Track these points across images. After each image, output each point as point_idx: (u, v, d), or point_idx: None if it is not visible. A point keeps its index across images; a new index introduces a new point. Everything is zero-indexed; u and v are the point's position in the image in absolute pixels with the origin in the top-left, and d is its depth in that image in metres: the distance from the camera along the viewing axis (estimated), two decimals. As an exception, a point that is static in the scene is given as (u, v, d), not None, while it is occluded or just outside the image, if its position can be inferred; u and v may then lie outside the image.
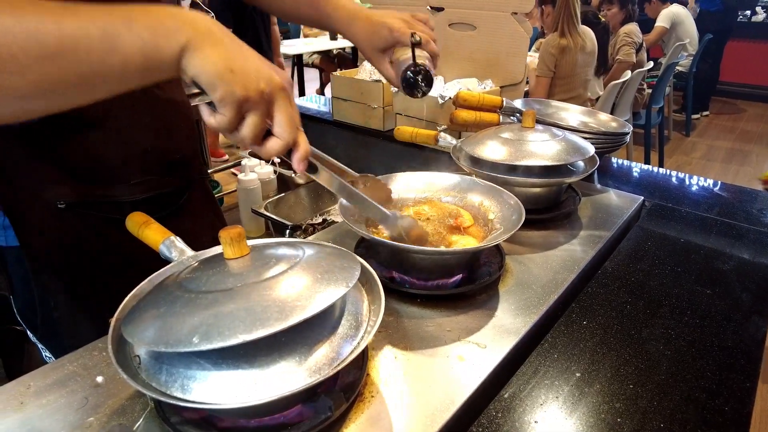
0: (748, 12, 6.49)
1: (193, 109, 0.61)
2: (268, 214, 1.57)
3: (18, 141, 0.80)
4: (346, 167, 0.77)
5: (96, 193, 0.86)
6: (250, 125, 0.56)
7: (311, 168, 0.65)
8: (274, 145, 0.59)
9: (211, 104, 0.56)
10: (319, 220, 1.62)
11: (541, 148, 0.99)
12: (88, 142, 0.82)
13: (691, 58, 4.95)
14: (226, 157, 4.26)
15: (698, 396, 0.62)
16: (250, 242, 0.61)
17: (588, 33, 3.01)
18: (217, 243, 0.58)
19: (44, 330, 0.96)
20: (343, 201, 0.86)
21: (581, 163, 1.06)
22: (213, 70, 0.53)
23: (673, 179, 1.36)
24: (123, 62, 0.51)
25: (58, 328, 0.93)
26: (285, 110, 0.58)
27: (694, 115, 5.70)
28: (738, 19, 6.16)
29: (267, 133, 0.59)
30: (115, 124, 0.84)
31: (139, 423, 0.58)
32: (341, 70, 2.52)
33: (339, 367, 0.52)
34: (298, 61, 5.13)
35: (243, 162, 1.72)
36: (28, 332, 1.00)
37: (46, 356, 1.02)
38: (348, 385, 0.59)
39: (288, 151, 0.60)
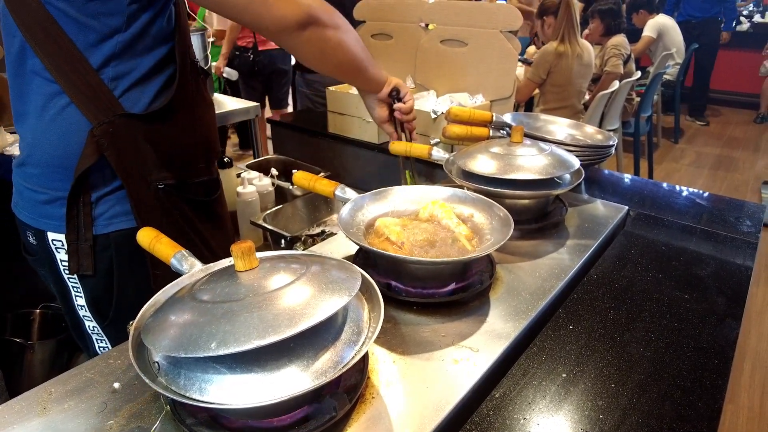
0: (733, 22, 6.60)
1: None
2: (266, 225, 1.61)
3: (140, 131, 0.97)
4: None
5: (179, 175, 1.05)
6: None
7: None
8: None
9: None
10: (317, 230, 1.67)
11: (529, 163, 1.04)
12: (178, 131, 1.04)
13: (678, 66, 5.06)
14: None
15: (674, 393, 0.68)
16: (258, 255, 0.66)
17: (586, 45, 3.10)
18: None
19: (115, 315, 1.05)
20: (343, 214, 0.91)
21: (567, 176, 1.12)
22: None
23: (657, 189, 1.42)
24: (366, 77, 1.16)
25: (134, 312, 1.03)
26: None
27: (691, 119, 5.84)
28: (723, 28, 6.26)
29: None
30: (190, 119, 1.07)
31: (156, 425, 0.62)
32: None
33: (342, 371, 0.57)
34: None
35: (242, 175, 1.77)
36: (91, 323, 1.08)
37: (100, 347, 1.11)
38: (350, 388, 0.64)
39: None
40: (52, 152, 0.94)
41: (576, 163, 1.08)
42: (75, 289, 1.04)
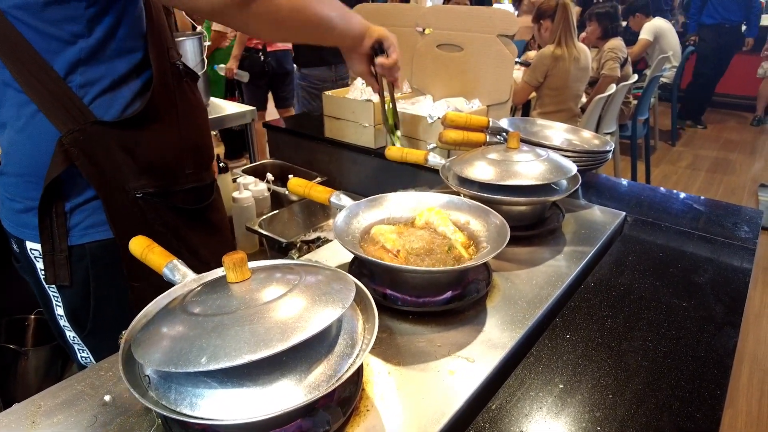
0: (757, 28, 6.55)
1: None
2: (262, 231, 1.60)
3: (113, 139, 0.95)
4: None
5: (161, 183, 1.02)
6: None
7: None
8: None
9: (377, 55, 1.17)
10: (313, 236, 1.66)
11: (526, 169, 1.03)
12: (157, 137, 1.01)
13: (674, 70, 5.07)
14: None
15: (672, 404, 0.67)
16: (251, 264, 0.65)
17: (583, 49, 3.11)
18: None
19: (93, 326, 1.04)
20: (338, 222, 0.90)
21: (564, 182, 1.11)
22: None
23: (655, 194, 1.41)
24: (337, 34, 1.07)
25: (113, 323, 1.01)
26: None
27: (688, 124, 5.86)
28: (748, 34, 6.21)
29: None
30: (175, 123, 1.04)
31: (147, 439, 0.61)
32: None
33: (336, 384, 0.56)
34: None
35: (238, 180, 1.76)
36: (71, 333, 1.07)
37: (82, 357, 1.09)
38: (345, 400, 0.63)
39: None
40: (25, 161, 0.93)
41: (573, 168, 1.07)
42: (55, 298, 1.03)
